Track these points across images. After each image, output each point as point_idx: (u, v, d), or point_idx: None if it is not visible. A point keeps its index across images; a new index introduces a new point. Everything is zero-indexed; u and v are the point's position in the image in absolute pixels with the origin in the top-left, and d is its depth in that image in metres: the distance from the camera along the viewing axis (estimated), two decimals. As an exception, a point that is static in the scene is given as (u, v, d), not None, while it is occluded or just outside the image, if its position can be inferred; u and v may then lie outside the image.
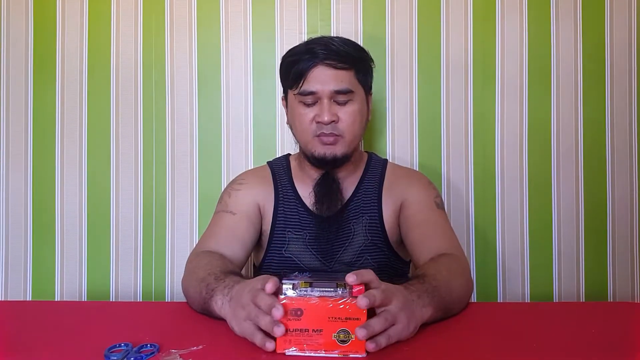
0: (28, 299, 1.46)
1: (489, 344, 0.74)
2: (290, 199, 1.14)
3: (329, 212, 1.10)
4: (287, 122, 1.15)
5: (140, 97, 1.47)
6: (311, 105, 1.05)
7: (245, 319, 0.71)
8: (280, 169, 1.19)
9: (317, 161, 1.08)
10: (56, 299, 1.45)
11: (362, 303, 0.65)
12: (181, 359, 0.67)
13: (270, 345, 0.68)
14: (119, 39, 1.47)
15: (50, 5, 1.47)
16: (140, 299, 1.45)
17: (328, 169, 1.10)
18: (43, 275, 1.46)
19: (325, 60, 1.03)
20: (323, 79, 1.03)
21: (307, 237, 1.11)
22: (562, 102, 1.45)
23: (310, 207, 1.12)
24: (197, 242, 1.09)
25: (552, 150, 1.45)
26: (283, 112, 1.20)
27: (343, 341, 0.67)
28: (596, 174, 1.45)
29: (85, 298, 1.46)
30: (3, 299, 1.46)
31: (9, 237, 1.47)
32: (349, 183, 1.14)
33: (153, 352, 0.69)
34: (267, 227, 1.13)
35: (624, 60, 1.45)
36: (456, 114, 1.45)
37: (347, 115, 1.05)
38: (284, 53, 1.12)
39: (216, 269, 0.89)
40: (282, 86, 1.14)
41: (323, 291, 0.68)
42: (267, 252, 1.13)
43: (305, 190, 1.13)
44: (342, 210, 1.12)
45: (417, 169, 1.42)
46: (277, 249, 1.12)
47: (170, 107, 1.47)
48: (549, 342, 0.74)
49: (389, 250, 1.12)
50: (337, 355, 0.67)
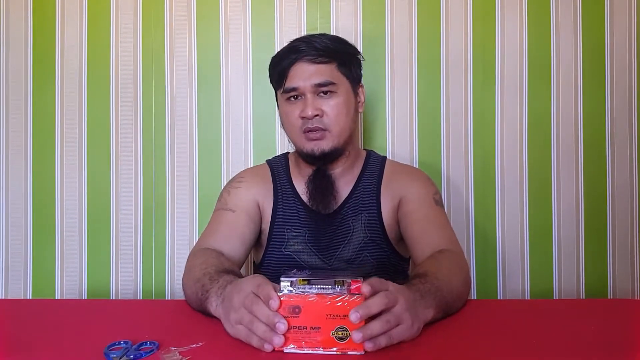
0: (28, 297, 1.46)
1: (489, 342, 0.74)
2: (289, 197, 1.14)
3: (323, 208, 1.10)
4: (281, 124, 1.16)
5: (139, 96, 1.47)
6: (296, 101, 1.07)
7: (238, 322, 0.71)
8: (279, 167, 1.19)
9: (307, 157, 1.08)
10: (56, 297, 1.45)
11: (352, 317, 0.65)
12: (181, 356, 0.67)
13: (268, 347, 0.67)
14: (118, 38, 1.47)
15: (50, 5, 1.47)
16: (140, 297, 1.45)
17: (320, 164, 1.10)
18: (43, 273, 1.47)
19: (306, 57, 1.05)
20: (304, 74, 1.05)
21: (307, 235, 1.11)
22: (562, 99, 1.45)
23: (308, 204, 1.12)
24: (197, 240, 1.09)
25: (552, 148, 1.45)
26: (279, 113, 1.21)
27: (341, 338, 0.67)
28: (596, 171, 1.45)
29: (85, 296, 1.46)
30: (3, 297, 1.46)
31: (9, 235, 1.47)
32: (347, 180, 1.14)
33: (153, 350, 0.69)
34: (266, 225, 1.13)
35: (623, 58, 1.44)
36: (456, 111, 1.45)
37: (331, 108, 1.05)
38: None
39: (211, 268, 0.88)
40: (273, 88, 1.15)
41: (321, 288, 0.68)
42: (266, 250, 1.13)
43: (303, 187, 1.13)
44: (341, 207, 1.12)
45: (416, 167, 1.42)
46: (276, 247, 1.12)
47: (169, 106, 1.47)
48: (549, 339, 0.74)
49: (388, 247, 1.12)
50: (335, 353, 0.67)
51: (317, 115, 1.04)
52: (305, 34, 1.14)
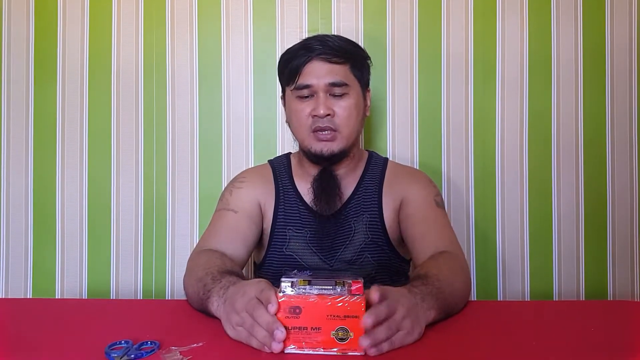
0: (29, 297, 1.46)
1: (489, 342, 0.74)
2: (291, 197, 1.14)
3: (328, 209, 1.10)
4: (286, 121, 1.15)
5: (141, 96, 1.47)
6: (307, 99, 1.06)
7: (239, 325, 0.71)
8: (281, 167, 1.19)
9: (314, 157, 1.08)
10: (57, 297, 1.45)
11: (367, 322, 0.65)
12: (181, 356, 0.67)
13: (268, 349, 0.68)
14: (119, 37, 1.47)
15: (51, 5, 1.47)
16: (140, 296, 1.45)
17: (326, 165, 1.10)
18: (44, 273, 1.47)
19: (321, 55, 1.05)
20: (318, 72, 1.04)
21: (308, 235, 1.11)
22: (562, 99, 1.45)
23: (310, 205, 1.12)
24: (199, 240, 1.09)
25: (553, 148, 1.45)
26: (283, 111, 1.20)
27: (342, 339, 0.67)
28: (596, 171, 1.45)
29: (85, 296, 1.46)
30: (4, 297, 1.46)
31: (9, 234, 1.48)
32: (349, 181, 1.14)
33: (153, 350, 0.69)
34: (267, 225, 1.13)
35: (624, 57, 1.44)
36: (456, 112, 1.45)
37: (342, 109, 1.05)
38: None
39: (214, 268, 0.89)
40: (280, 85, 1.15)
41: (322, 289, 0.68)
42: (267, 250, 1.13)
43: (306, 188, 1.13)
44: (343, 208, 1.12)
45: (417, 167, 1.42)
46: (277, 247, 1.12)
47: (171, 106, 1.47)
48: (548, 340, 0.74)
49: (389, 248, 1.12)
50: (335, 353, 0.67)
51: (328, 114, 1.04)
52: (311, 34, 1.14)
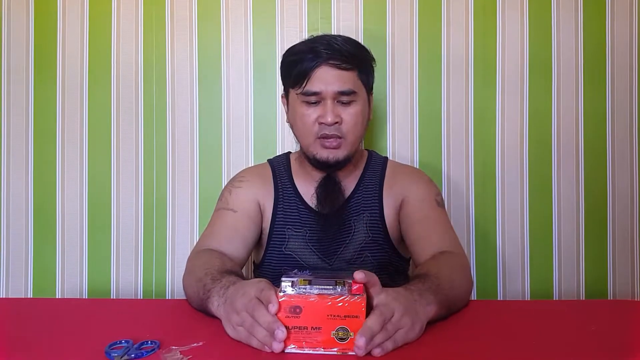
0: (29, 296, 1.46)
1: (489, 342, 0.74)
2: (290, 197, 1.14)
3: (330, 210, 1.10)
4: (288, 121, 1.15)
5: (140, 96, 1.47)
6: (314, 105, 1.05)
7: (239, 325, 0.71)
8: (280, 167, 1.19)
9: (319, 164, 1.07)
10: (57, 297, 1.45)
11: (360, 343, 0.65)
12: (182, 355, 0.67)
13: (268, 348, 0.68)
14: (119, 38, 1.47)
15: (51, 5, 1.47)
16: (140, 296, 1.45)
17: (330, 171, 1.10)
18: (44, 272, 1.47)
19: (329, 61, 1.02)
20: (327, 79, 1.02)
21: (307, 235, 1.11)
22: (562, 99, 1.45)
23: (310, 204, 1.12)
24: (198, 240, 1.09)
25: (553, 148, 1.45)
26: (283, 110, 1.20)
27: (342, 339, 0.67)
28: (597, 171, 1.45)
29: (86, 295, 1.46)
30: (4, 296, 1.46)
31: (10, 234, 1.47)
32: (349, 181, 1.14)
33: (154, 349, 0.69)
34: (266, 224, 1.13)
35: (624, 56, 1.44)
36: (456, 111, 1.45)
37: (350, 116, 1.04)
38: (285, 51, 1.12)
39: (213, 268, 0.88)
40: (283, 84, 1.13)
41: (322, 289, 0.68)
42: (266, 250, 1.13)
43: (306, 188, 1.13)
44: (343, 207, 1.12)
45: (417, 167, 1.42)
46: (277, 247, 1.12)
47: (170, 106, 1.47)
48: (548, 340, 0.74)
49: (390, 247, 1.12)
50: (335, 353, 0.67)
51: (336, 122, 1.03)
52: (311, 34, 1.12)
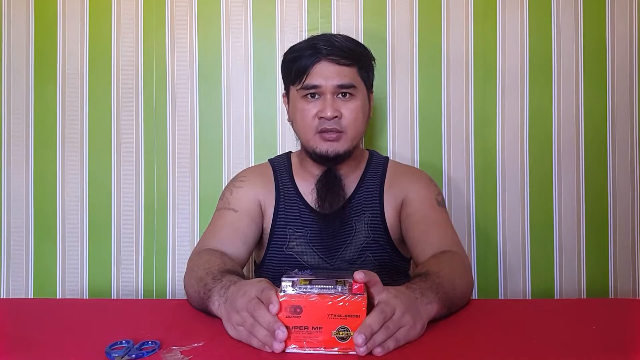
0: (30, 297, 1.46)
1: (490, 341, 0.74)
2: (291, 196, 1.14)
3: (330, 209, 1.09)
4: (289, 119, 1.15)
5: (141, 95, 1.47)
6: (314, 100, 1.06)
7: (240, 324, 0.71)
8: (281, 166, 1.19)
9: (319, 158, 1.08)
10: (58, 297, 1.45)
11: (358, 340, 0.65)
12: (182, 355, 0.67)
13: (269, 348, 0.68)
14: (119, 37, 1.47)
15: (51, 5, 1.47)
16: (141, 296, 1.45)
17: (330, 165, 1.10)
18: (45, 273, 1.47)
19: (329, 56, 1.04)
20: (327, 73, 1.04)
21: (309, 235, 1.11)
22: (563, 98, 1.45)
23: (311, 204, 1.12)
24: (199, 239, 1.09)
25: (553, 147, 1.45)
26: (284, 110, 1.20)
27: (342, 338, 0.67)
28: (597, 170, 1.44)
29: (86, 295, 1.46)
30: (5, 297, 1.47)
31: (10, 235, 1.47)
32: (350, 180, 1.14)
33: (154, 349, 0.69)
34: (267, 224, 1.13)
35: (624, 55, 1.44)
36: (457, 110, 1.45)
37: (349, 111, 1.05)
38: (285, 50, 1.12)
39: (214, 268, 0.89)
40: (284, 83, 1.14)
41: (322, 288, 0.68)
42: (267, 250, 1.13)
43: (307, 187, 1.13)
44: (344, 207, 1.12)
45: (417, 167, 1.42)
46: (278, 247, 1.12)
47: (171, 105, 1.47)
48: (549, 338, 0.74)
49: (391, 247, 1.12)
50: (336, 353, 0.67)
51: (336, 116, 1.04)
52: (312, 33, 1.13)
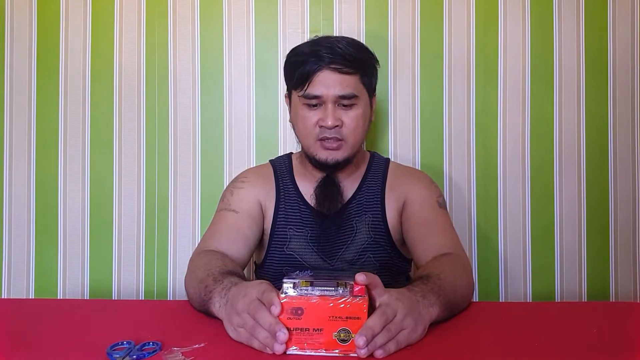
0: (31, 297, 1.46)
1: (490, 344, 0.74)
2: (292, 197, 1.14)
3: (329, 212, 1.10)
4: (290, 120, 1.15)
5: (143, 96, 1.47)
6: (315, 108, 1.05)
7: (241, 326, 0.71)
8: (282, 167, 1.19)
9: (319, 165, 1.08)
10: (59, 297, 1.45)
11: (359, 342, 0.65)
12: (183, 357, 0.67)
13: (270, 350, 0.68)
14: (121, 39, 1.47)
15: (54, 7, 1.47)
16: (142, 297, 1.45)
17: (330, 172, 1.10)
18: (46, 273, 1.47)
19: (331, 65, 1.02)
20: (328, 83, 1.03)
21: (309, 235, 1.11)
22: (564, 101, 1.45)
23: (312, 204, 1.12)
24: (200, 240, 1.09)
25: (555, 150, 1.45)
26: (285, 111, 1.20)
27: (344, 340, 0.67)
28: (598, 173, 1.44)
29: (87, 296, 1.46)
30: (6, 297, 1.46)
31: (11, 235, 1.48)
32: (350, 182, 1.14)
33: (155, 350, 0.69)
34: (268, 225, 1.13)
35: (626, 60, 1.44)
36: (458, 113, 1.45)
37: (350, 119, 1.05)
38: (288, 51, 1.12)
39: (215, 269, 0.88)
40: (286, 84, 1.14)
41: (324, 290, 0.68)
42: (268, 250, 1.13)
43: (307, 188, 1.14)
44: (344, 208, 1.12)
45: (419, 168, 1.42)
46: (278, 247, 1.12)
47: (173, 106, 1.47)
48: (550, 341, 0.74)
49: (392, 248, 1.12)
50: (337, 355, 0.67)
51: (336, 125, 1.03)
52: (315, 35, 1.12)
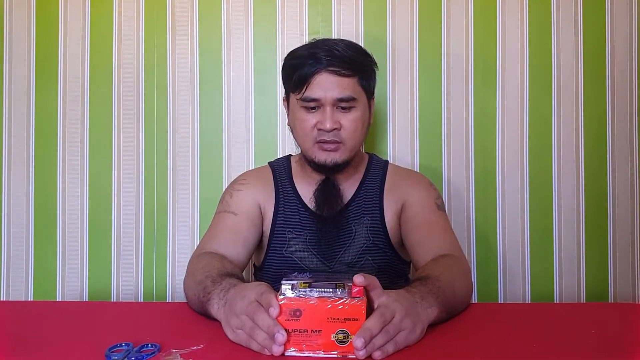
0: (30, 299, 1.46)
1: (490, 345, 0.74)
2: (291, 199, 1.14)
3: (328, 214, 1.10)
4: (288, 124, 1.15)
5: (141, 98, 1.47)
6: (313, 111, 1.05)
7: (239, 328, 0.71)
8: (281, 169, 1.19)
9: (317, 167, 1.08)
10: (58, 299, 1.45)
11: (357, 344, 0.65)
12: (182, 358, 0.67)
13: (268, 351, 0.68)
14: (120, 40, 1.47)
15: (53, 8, 1.47)
16: (141, 299, 1.45)
17: (329, 174, 1.10)
18: (45, 275, 1.47)
19: (329, 67, 1.02)
20: (326, 86, 1.02)
21: (308, 237, 1.11)
22: (562, 102, 1.45)
23: (311, 207, 1.12)
24: (199, 243, 1.09)
25: (553, 151, 1.45)
26: (284, 113, 1.20)
27: (342, 342, 0.67)
28: (597, 173, 1.45)
29: (86, 298, 1.46)
30: (5, 299, 1.46)
31: (10, 237, 1.48)
32: (349, 184, 1.14)
33: (154, 352, 0.69)
34: (267, 227, 1.13)
35: (624, 59, 1.44)
36: (457, 114, 1.45)
37: (349, 122, 1.05)
38: (286, 53, 1.12)
39: (213, 271, 0.88)
40: (284, 87, 1.14)
41: (322, 292, 0.68)
42: (267, 252, 1.13)
43: (306, 190, 1.14)
44: (343, 210, 1.12)
45: (417, 170, 1.42)
46: (277, 249, 1.12)
47: (171, 108, 1.47)
48: (549, 343, 0.74)
49: (391, 250, 1.12)
50: (335, 356, 0.67)
51: (335, 128, 1.03)
52: (313, 37, 1.12)
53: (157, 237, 1.46)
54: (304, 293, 0.68)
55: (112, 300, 1.45)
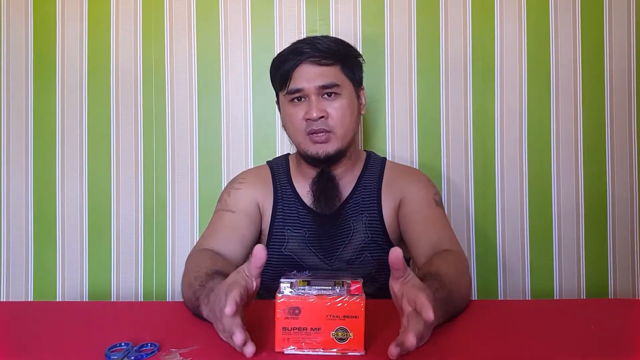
0: (30, 299, 1.46)
1: (489, 341, 0.74)
2: (289, 197, 1.14)
3: (327, 210, 1.10)
4: (282, 125, 1.16)
5: (140, 98, 1.47)
6: (300, 103, 1.06)
7: (222, 331, 0.71)
8: (279, 168, 1.19)
9: (311, 160, 1.08)
10: (57, 299, 1.46)
11: (393, 352, 0.64)
12: (181, 358, 0.67)
13: (248, 350, 0.65)
14: (118, 41, 1.47)
15: (50, 9, 1.47)
16: (141, 298, 1.46)
17: (323, 166, 1.10)
18: (44, 275, 1.47)
19: (310, 58, 1.05)
20: (309, 76, 1.04)
21: (307, 235, 1.11)
22: (561, 100, 1.45)
23: (309, 205, 1.12)
24: (197, 240, 1.09)
25: (552, 148, 1.45)
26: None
27: (341, 339, 0.67)
28: (596, 170, 1.45)
29: (86, 298, 1.46)
30: (5, 300, 1.47)
31: (10, 237, 1.48)
32: (347, 181, 1.14)
33: (153, 351, 0.69)
34: (266, 225, 1.13)
35: (622, 59, 1.44)
36: (456, 112, 1.45)
37: (335, 110, 1.05)
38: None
39: (202, 270, 0.87)
40: (274, 90, 1.15)
41: (321, 289, 0.68)
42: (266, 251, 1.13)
43: (304, 188, 1.14)
44: (341, 207, 1.12)
45: (417, 168, 1.42)
46: (276, 247, 1.12)
47: (170, 108, 1.47)
48: (549, 339, 0.74)
49: (389, 247, 1.11)
50: (335, 354, 0.67)
51: (322, 117, 1.04)
52: (307, 36, 1.14)
53: (156, 237, 1.47)
54: (302, 291, 0.68)
55: (112, 300, 1.45)
